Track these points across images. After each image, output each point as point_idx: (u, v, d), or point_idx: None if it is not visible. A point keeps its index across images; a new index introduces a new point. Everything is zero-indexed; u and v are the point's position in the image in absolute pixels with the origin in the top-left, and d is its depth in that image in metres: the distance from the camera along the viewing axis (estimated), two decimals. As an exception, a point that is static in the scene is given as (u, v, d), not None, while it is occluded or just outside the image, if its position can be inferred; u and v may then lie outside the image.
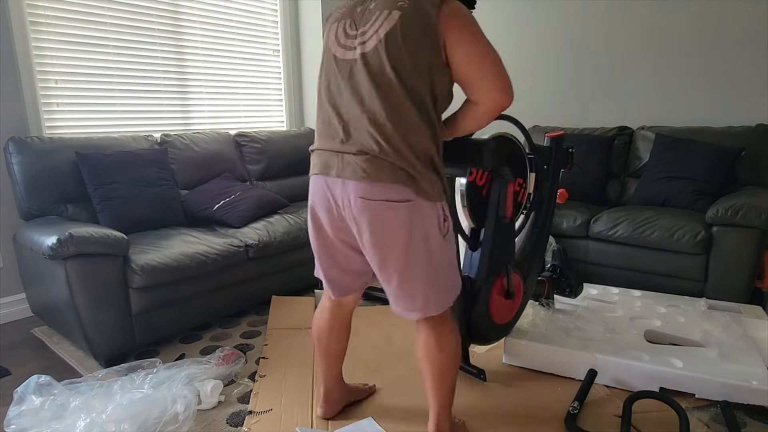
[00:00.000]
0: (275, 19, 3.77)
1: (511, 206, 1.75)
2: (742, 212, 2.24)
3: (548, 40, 3.40)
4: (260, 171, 3.28)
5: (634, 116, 3.18)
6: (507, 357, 1.98)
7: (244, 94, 3.63)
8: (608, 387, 1.82)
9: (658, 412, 1.65)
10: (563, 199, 2.01)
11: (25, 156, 2.31)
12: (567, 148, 1.97)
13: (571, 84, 3.37)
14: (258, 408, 1.71)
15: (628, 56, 3.14)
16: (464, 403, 1.74)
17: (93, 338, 1.98)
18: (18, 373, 2.04)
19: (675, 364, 1.76)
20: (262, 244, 2.48)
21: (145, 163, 2.54)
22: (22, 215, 2.34)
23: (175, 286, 2.17)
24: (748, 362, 1.75)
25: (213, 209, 2.67)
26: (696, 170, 2.66)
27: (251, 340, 2.28)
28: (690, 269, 2.41)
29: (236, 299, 2.48)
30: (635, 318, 2.14)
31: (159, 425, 1.58)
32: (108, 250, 1.95)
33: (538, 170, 1.87)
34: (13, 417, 1.58)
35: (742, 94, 2.83)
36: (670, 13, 2.95)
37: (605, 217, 2.64)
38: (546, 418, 1.65)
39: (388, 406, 1.73)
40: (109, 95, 2.86)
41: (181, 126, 3.25)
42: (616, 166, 3.07)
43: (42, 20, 2.56)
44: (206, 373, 1.86)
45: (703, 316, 2.12)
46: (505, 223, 1.76)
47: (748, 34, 2.75)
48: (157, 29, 3.03)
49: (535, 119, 3.55)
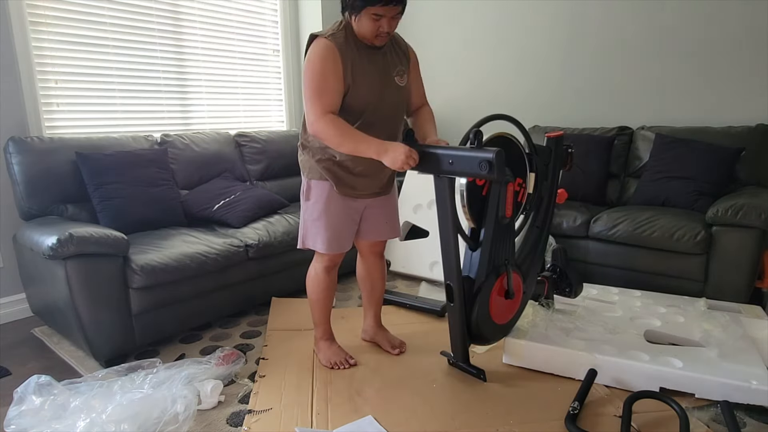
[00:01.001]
0: (275, 19, 3.77)
1: (511, 206, 1.75)
2: (742, 212, 2.24)
3: (548, 39, 3.40)
4: (260, 171, 3.28)
5: (634, 116, 3.18)
6: (507, 357, 1.98)
7: (244, 94, 3.63)
8: (608, 387, 1.82)
9: (657, 412, 1.65)
10: (563, 199, 2.02)
11: (25, 156, 2.31)
12: (566, 148, 1.97)
13: (571, 84, 3.37)
14: (258, 407, 1.72)
15: (628, 56, 3.13)
16: (465, 403, 1.74)
17: (93, 338, 1.98)
18: (18, 373, 2.04)
19: (675, 364, 1.76)
20: (262, 244, 2.48)
21: (145, 163, 2.54)
22: (22, 215, 2.34)
23: (175, 286, 2.17)
24: (748, 362, 1.75)
25: (213, 209, 2.67)
26: (696, 170, 2.66)
27: (251, 340, 2.28)
28: (690, 269, 2.41)
29: (236, 299, 2.48)
30: (635, 318, 2.14)
31: (159, 425, 1.58)
32: (108, 250, 1.95)
33: (537, 170, 1.87)
34: (13, 417, 1.58)
35: (742, 94, 2.82)
36: (670, 13, 2.95)
37: (605, 217, 2.64)
38: (546, 418, 1.65)
39: (388, 405, 1.73)
40: (109, 95, 2.86)
41: (181, 126, 3.25)
42: (616, 166, 3.06)
43: (42, 20, 2.56)
44: (206, 373, 1.86)
45: (703, 316, 2.12)
46: (505, 224, 1.76)
47: (748, 34, 2.75)
48: (157, 29, 3.03)
49: (535, 119, 3.55)
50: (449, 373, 1.94)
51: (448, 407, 1.71)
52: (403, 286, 2.96)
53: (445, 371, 1.96)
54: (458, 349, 1.91)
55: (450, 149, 1.60)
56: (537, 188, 1.89)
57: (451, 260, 1.75)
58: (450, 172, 1.62)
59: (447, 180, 1.68)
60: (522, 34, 3.50)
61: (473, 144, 1.60)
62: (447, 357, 2.01)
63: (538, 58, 3.46)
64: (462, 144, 1.65)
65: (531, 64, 3.50)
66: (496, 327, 1.87)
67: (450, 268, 1.76)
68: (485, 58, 3.69)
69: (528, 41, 3.48)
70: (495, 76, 3.67)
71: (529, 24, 3.46)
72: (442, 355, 2.05)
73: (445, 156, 1.59)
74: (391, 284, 3.01)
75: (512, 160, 1.76)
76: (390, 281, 3.06)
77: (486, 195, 1.75)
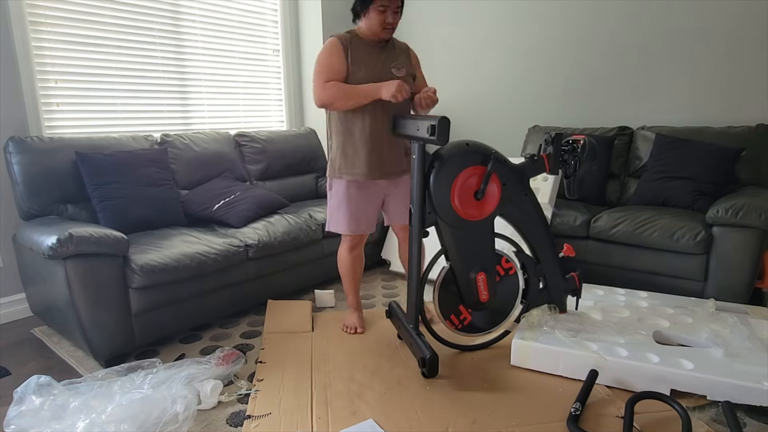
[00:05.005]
0: (275, 19, 3.77)
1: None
2: (742, 212, 2.24)
3: (548, 40, 3.40)
4: (260, 171, 3.28)
5: (634, 116, 3.18)
6: (515, 359, 1.97)
7: (244, 94, 3.63)
8: (609, 388, 1.81)
9: (659, 413, 1.65)
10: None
11: (25, 156, 2.31)
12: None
13: (571, 84, 3.37)
14: (257, 412, 1.71)
15: (628, 56, 3.13)
16: (466, 406, 1.73)
17: (93, 338, 1.98)
18: (18, 373, 2.04)
19: (685, 365, 1.74)
20: (262, 244, 2.48)
21: (145, 163, 2.53)
22: (22, 215, 2.34)
23: (175, 286, 2.17)
24: (759, 363, 1.74)
25: (213, 209, 2.66)
26: (696, 170, 2.66)
27: (251, 340, 2.28)
28: (690, 269, 2.41)
29: (236, 299, 2.47)
30: (642, 319, 2.13)
31: (159, 425, 1.58)
32: (108, 250, 1.94)
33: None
34: (13, 417, 1.58)
35: (742, 94, 2.82)
36: (671, 13, 2.95)
37: (605, 217, 2.64)
38: (548, 419, 1.65)
39: (388, 408, 1.72)
40: (109, 95, 2.86)
41: (181, 126, 3.25)
42: (616, 166, 3.07)
43: (42, 20, 2.56)
44: (206, 373, 1.86)
45: (711, 317, 2.11)
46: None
47: (748, 34, 2.75)
48: (157, 29, 3.03)
49: (535, 119, 3.55)
50: (450, 375, 1.93)
51: (450, 410, 1.71)
52: (402, 286, 2.96)
53: (445, 373, 1.95)
54: (411, 307, 2.01)
55: (418, 117, 1.85)
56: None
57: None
58: (419, 138, 1.84)
59: (418, 146, 1.86)
60: (522, 35, 3.50)
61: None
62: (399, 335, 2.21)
63: (538, 59, 3.46)
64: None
65: (531, 65, 3.50)
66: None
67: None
68: (486, 59, 3.69)
69: (528, 42, 3.48)
70: (495, 76, 3.67)
71: (529, 25, 3.46)
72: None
73: (413, 123, 1.87)
74: (391, 284, 3.01)
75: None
76: (390, 281, 3.06)
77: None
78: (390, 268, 3.25)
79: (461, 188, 1.84)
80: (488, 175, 1.83)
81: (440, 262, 1.99)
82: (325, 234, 2.84)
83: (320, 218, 2.85)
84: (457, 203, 1.85)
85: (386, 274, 3.20)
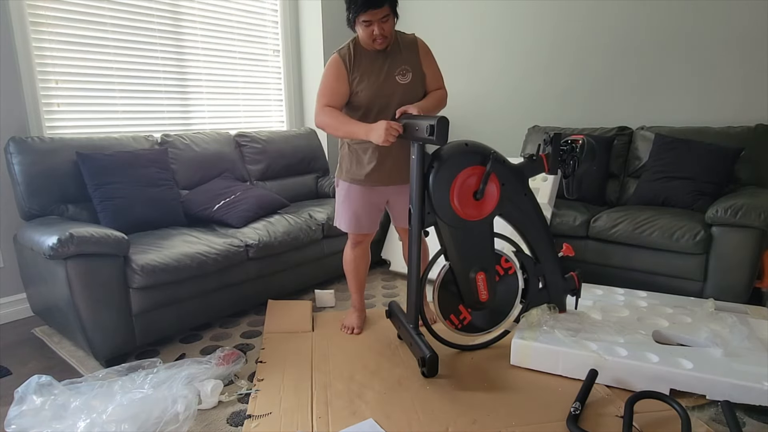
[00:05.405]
0: (275, 19, 3.78)
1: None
2: (742, 212, 2.24)
3: (548, 40, 3.40)
4: (260, 171, 3.28)
5: (633, 116, 3.18)
6: (514, 358, 1.98)
7: (244, 94, 3.63)
8: (609, 387, 1.82)
9: (659, 412, 1.65)
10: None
11: (26, 156, 2.31)
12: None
13: (571, 84, 3.37)
14: (257, 412, 1.71)
15: (627, 56, 3.14)
16: (466, 406, 1.74)
17: (93, 338, 1.98)
18: (18, 373, 2.04)
19: (685, 365, 1.75)
20: (262, 244, 2.48)
21: (145, 163, 2.54)
22: (23, 215, 2.34)
23: (176, 286, 2.17)
24: (759, 363, 1.75)
25: (213, 209, 2.67)
26: (696, 170, 2.66)
27: (251, 340, 2.28)
28: (690, 269, 2.41)
29: (236, 299, 2.48)
30: (642, 319, 2.13)
31: (159, 425, 1.58)
32: (108, 250, 1.95)
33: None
34: (14, 417, 1.58)
35: (742, 94, 2.83)
36: (670, 14, 2.96)
37: (605, 217, 2.64)
38: (548, 419, 1.65)
39: (388, 408, 1.73)
40: (109, 95, 2.86)
41: (181, 126, 3.25)
42: (615, 166, 3.07)
43: (42, 20, 2.56)
44: (206, 373, 1.86)
45: (711, 317, 2.11)
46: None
47: (748, 34, 2.76)
48: (157, 29, 3.03)
49: (535, 119, 3.55)
50: (450, 375, 1.94)
51: (450, 410, 1.71)
52: (402, 286, 2.97)
53: (445, 372, 1.96)
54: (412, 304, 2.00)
55: (417, 118, 1.82)
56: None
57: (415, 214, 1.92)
58: (419, 138, 1.83)
59: (417, 146, 1.86)
60: (521, 35, 3.50)
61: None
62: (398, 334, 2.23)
63: (538, 59, 3.46)
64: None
65: (530, 65, 3.50)
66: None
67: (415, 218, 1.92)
68: (485, 59, 3.69)
69: (527, 42, 3.48)
70: (495, 76, 3.67)
71: (528, 25, 3.46)
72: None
73: (412, 124, 1.84)
74: (390, 284, 3.01)
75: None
76: (389, 281, 3.07)
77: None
78: (390, 268, 3.26)
79: (460, 188, 1.85)
80: (487, 175, 1.84)
81: (440, 262, 1.99)
82: (325, 234, 2.85)
83: (320, 218, 2.85)
84: (457, 203, 1.86)
85: (386, 274, 3.20)
